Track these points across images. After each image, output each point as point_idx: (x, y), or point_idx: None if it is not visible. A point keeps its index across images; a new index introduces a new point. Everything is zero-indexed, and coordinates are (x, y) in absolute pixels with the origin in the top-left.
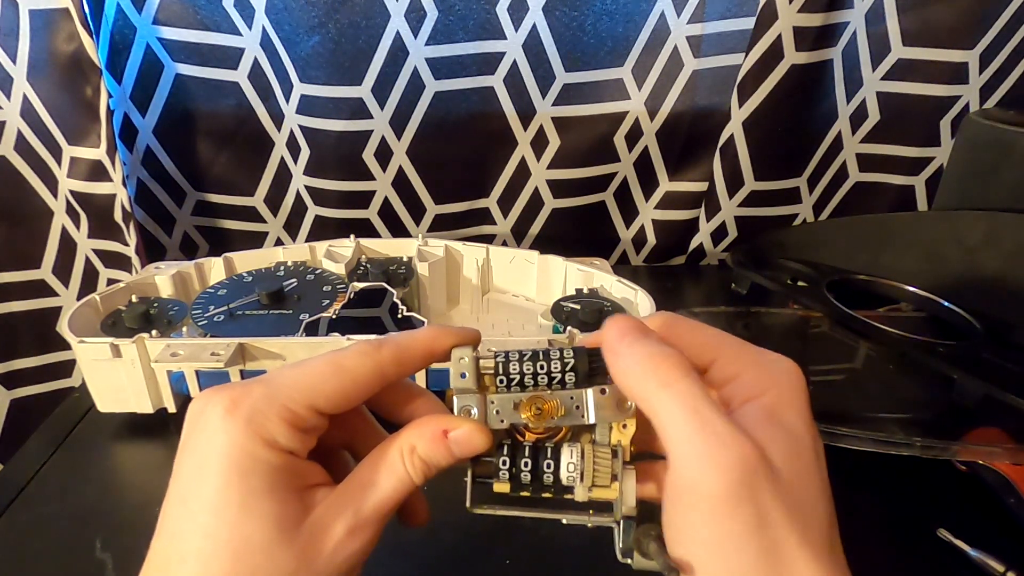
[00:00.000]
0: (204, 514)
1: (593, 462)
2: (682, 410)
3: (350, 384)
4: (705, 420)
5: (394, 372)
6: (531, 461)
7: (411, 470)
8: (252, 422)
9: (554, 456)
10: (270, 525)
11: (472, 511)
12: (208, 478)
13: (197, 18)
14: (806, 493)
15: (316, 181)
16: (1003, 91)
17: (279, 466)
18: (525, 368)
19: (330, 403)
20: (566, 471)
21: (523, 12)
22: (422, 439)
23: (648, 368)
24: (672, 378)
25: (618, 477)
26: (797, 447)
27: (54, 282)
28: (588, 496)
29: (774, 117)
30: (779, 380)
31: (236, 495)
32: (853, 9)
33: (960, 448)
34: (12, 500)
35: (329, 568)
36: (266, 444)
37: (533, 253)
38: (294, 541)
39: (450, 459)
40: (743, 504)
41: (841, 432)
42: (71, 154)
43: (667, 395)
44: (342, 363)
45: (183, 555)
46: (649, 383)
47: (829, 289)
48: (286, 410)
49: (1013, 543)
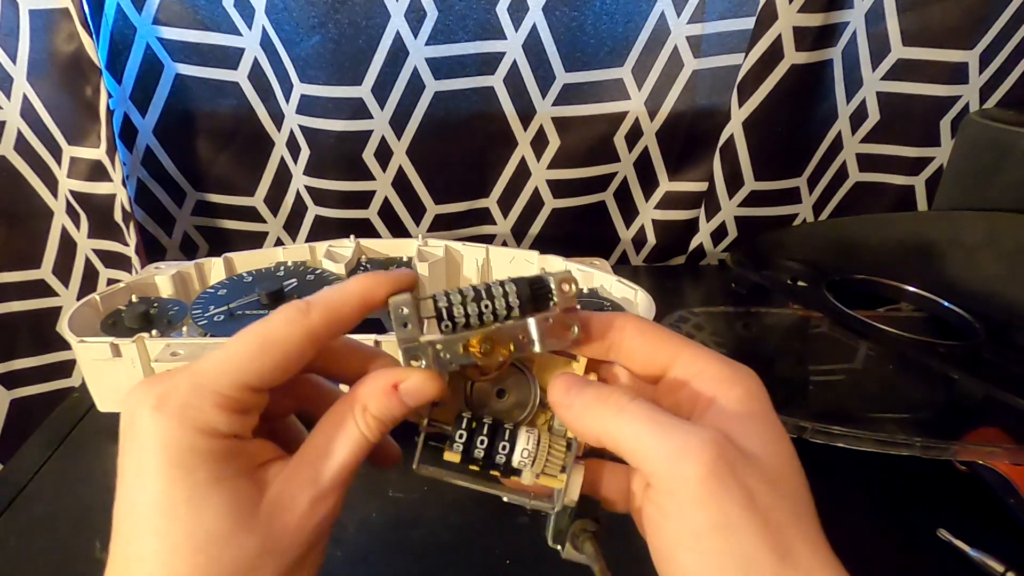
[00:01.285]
0: (154, 516)
1: (548, 451)
2: (641, 423)
3: (281, 356)
4: (664, 423)
5: (327, 334)
6: (487, 439)
7: (366, 431)
8: (184, 416)
9: (511, 439)
10: (225, 513)
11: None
12: (150, 480)
13: (197, 18)
14: (785, 477)
15: (316, 181)
16: (1003, 91)
17: (222, 452)
18: (469, 309)
19: (263, 379)
20: (519, 456)
21: (523, 12)
22: (373, 397)
23: (598, 406)
24: (621, 404)
25: (566, 469)
26: (768, 434)
27: (54, 282)
28: (534, 481)
29: (774, 117)
30: (743, 378)
31: (183, 492)
32: (853, 9)
33: (960, 448)
34: (12, 500)
35: (297, 542)
36: (203, 434)
37: (533, 253)
38: (254, 524)
39: (403, 410)
40: (727, 482)
41: (841, 432)
42: (71, 154)
43: (623, 418)
44: (268, 336)
45: (141, 556)
46: (603, 417)
47: (829, 289)
48: (218, 396)
49: (1013, 543)
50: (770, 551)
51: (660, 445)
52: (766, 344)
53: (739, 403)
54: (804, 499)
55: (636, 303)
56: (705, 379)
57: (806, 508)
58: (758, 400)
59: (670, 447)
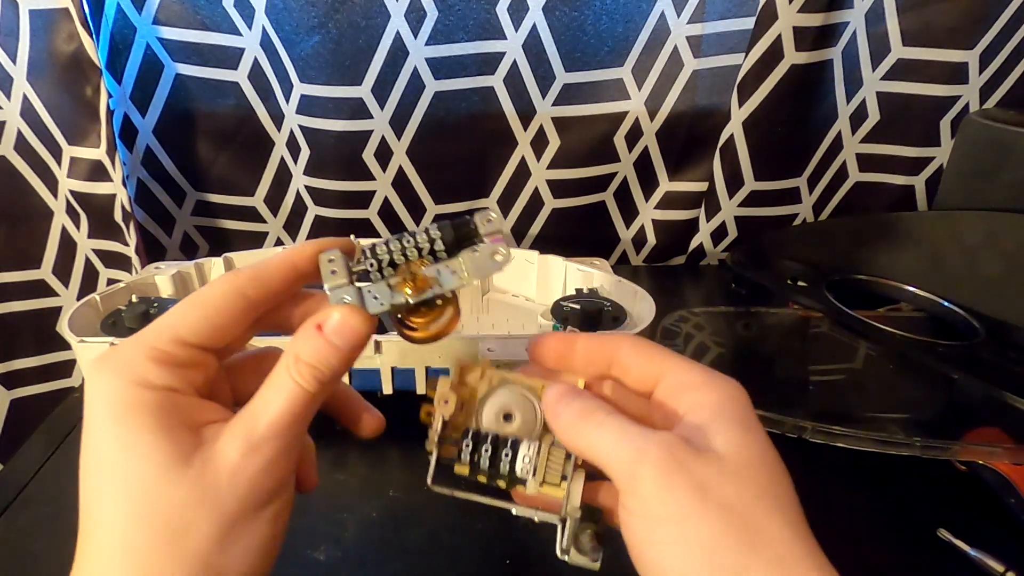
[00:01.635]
0: (95, 465)
1: (547, 459)
2: (610, 434)
3: (212, 311)
4: (627, 432)
5: (255, 291)
6: (491, 448)
7: (299, 379)
8: (119, 369)
9: (513, 448)
10: (159, 460)
11: (432, 488)
12: (93, 432)
13: (197, 18)
14: (756, 471)
15: (316, 181)
16: (1003, 91)
17: (158, 404)
18: (392, 247)
19: (195, 333)
20: (521, 463)
21: (523, 12)
22: (300, 341)
23: (582, 420)
24: (599, 419)
25: (567, 477)
26: (741, 434)
27: (54, 282)
28: (538, 491)
29: (774, 117)
30: (719, 385)
31: (118, 440)
32: (853, 9)
33: (960, 448)
34: (12, 500)
35: (234, 492)
36: (138, 386)
37: (533, 253)
38: (187, 473)
39: (334, 352)
40: (677, 476)
41: (841, 432)
42: (71, 154)
43: (597, 431)
44: (199, 295)
45: (88, 511)
46: (585, 431)
47: (829, 289)
48: (151, 349)
49: (1013, 543)
50: (734, 537)
51: (621, 451)
52: (766, 344)
53: (712, 407)
54: (774, 490)
55: (636, 303)
56: (688, 389)
57: (776, 498)
58: (731, 403)
59: (629, 452)
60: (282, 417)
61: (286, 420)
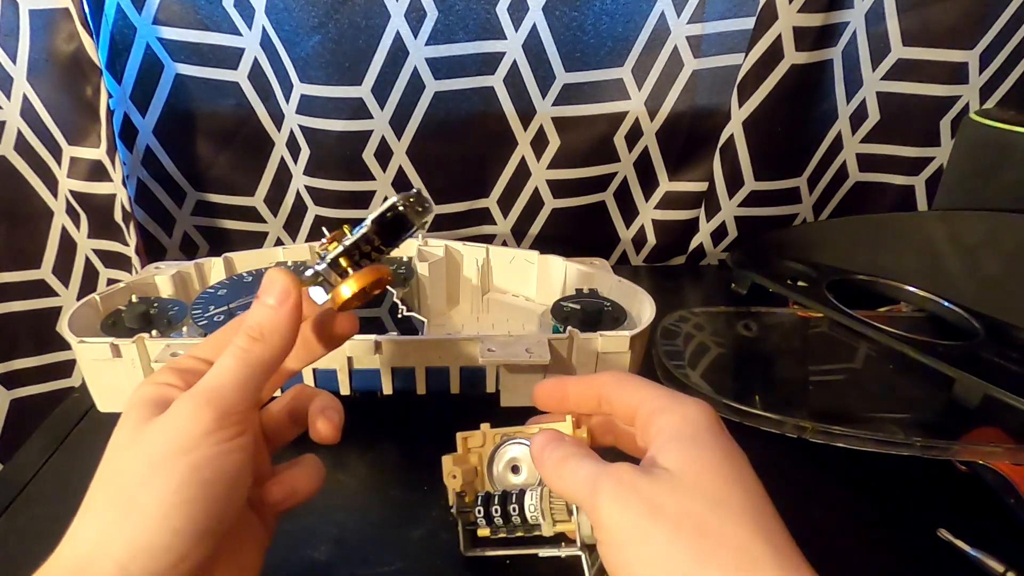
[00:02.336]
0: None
1: (550, 501)
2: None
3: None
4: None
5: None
6: (500, 507)
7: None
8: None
9: (518, 500)
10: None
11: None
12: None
13: (197, 18)
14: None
15: (316, 181)
16: (1003, 91)
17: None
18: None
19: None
20: (529, 512)
21: (523, 12)
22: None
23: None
24: (572, 464)
25: (574, 512)
26: (695, 452)
27: (54, 282)
28: (554, 531)
29: (774, 117)
30: (680, 407)
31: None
32: (853, 9)
33: (960, 448)
34: (12, 500)
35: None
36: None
37: (533, 253)
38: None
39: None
40: (627, 497)
41: (841, 432)
42: (71, 154)
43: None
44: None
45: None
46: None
47: (829, 289)
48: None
49: (1013, 543)
50: (689, 547)
51: (585, 487)
52: (766, 344)
53: (670, 429)
54: (730, 499)
55: (636, 303)
56: (655, 414)
57: (732, 506)
58: (687, 423)
59: (589, 486)
60: (218, 369)
61: (220, 371)
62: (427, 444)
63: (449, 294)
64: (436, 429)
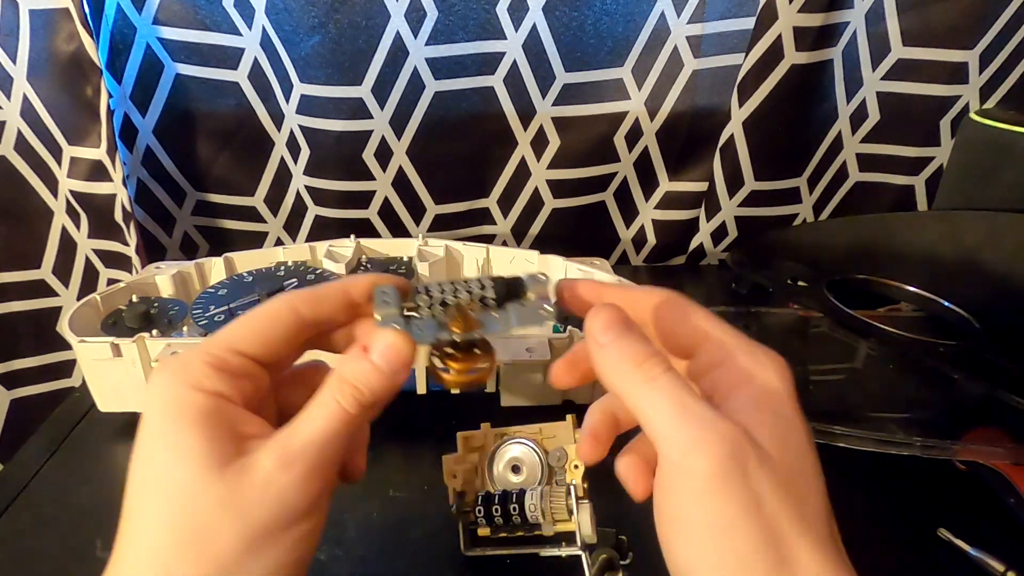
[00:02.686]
0: (140, 465)
1: (551, 502)
2: (666, 401)
3: (267, 323)
4: (688, 407)
5: (309, 311)
6: (500, 507)
7: (340, 398)
8: (178, 371)
9: (518, 500)
10: (196, 462)
11: (466, 554)
12: (144, 431)
13: (197, 18)
14: (800, 478)
15: (316, 181)
16: (1003, 91)
17: (208, 408)
18: (446, 288)
19: (250, 343)
20: (529, 512)
21: (523, 12)
22: (345, 363)
23: (631, 365)
24: (654, 374)
25: (574, 511)
26: (788, 432)
27: (54, 282)
28: (554, 530)
29: (774, 117)
30: (767, 369)
31: (164, 438)
32: (853, 9)
33: (960, 448)
34: (12, 500)
35: (262, 503)
36: (192, 387)
37: (533, 253)
38: (222, 477)
39: (377, 375)
40: (733, 483)
41: (841, 432)
42: (71, 154)
43: (650, 389)
44: (257, 308)
45: (129, 510)
46: (633, 379)
47: (829, 289)
48: (209, 355)
49: (1013, 543)
50: (765, 558)
51: (677, 431)
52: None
53: (761, 396)
54: (815, 502)
55: None
56: (734, 368)
57: (816, 512)
58: (779, 394)
59: (686, 436)
60: (319, 434)
61: (323, 437)
62: (427, 444)
63: None
64: (436, 429)
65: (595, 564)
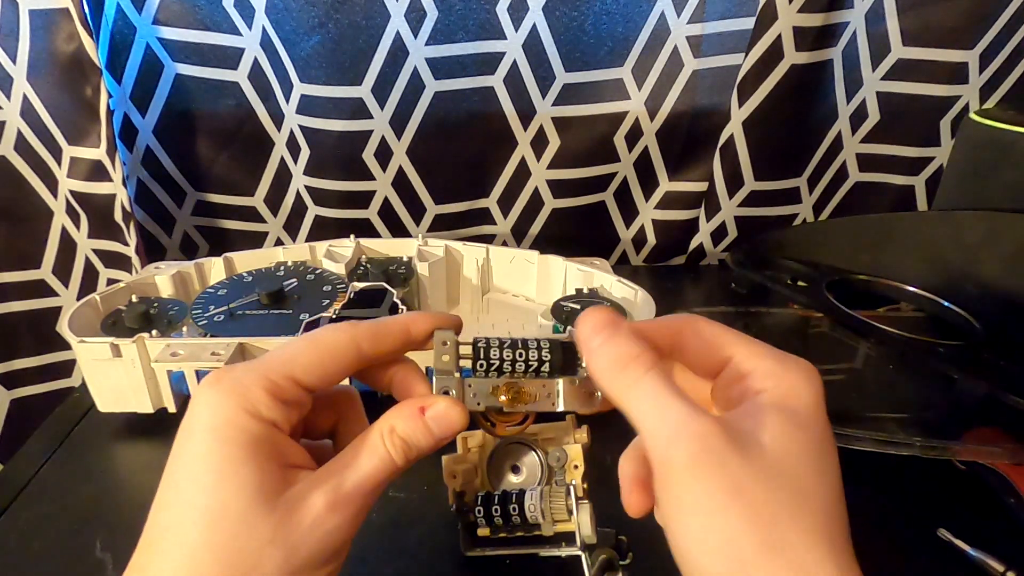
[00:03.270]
0: (185, 483)
1: (550, 502)
2: (648, 401)
3: (327, 356)
4: (667, 406)
5: (369, 347)
6: (500, 507)
7: (392, 449)
8: (234, 392)
9: (518, 500)
10: (248, 493)
11: (465, 554)
12: (191, 447)
13: (197, 18)
14: (799, 473)
15: (316, 181)
16: (1003, 91)
17: (260, 436)
18: (504, 355)
19: (308, 374)
20: (529, 512)
21: (523, 12)
22: (400, 418)
23: (618, 369)
24: (638, 375)
25: (574, 511)
26: (795, 430)
27: (54, 282)
28: (554, 530)
29: (774, 117)
30: (789, 375)
31: (215, 462)
32: (853, 9)
33: (960, 448)
34: (12, 500)
35: (308, 542)
36: (247, 412)
37: (533, 253)
38: (272, 511)
39: (429, 437)
40: (710, 470)
41: (841, 432)
42: (71, 154)
43: (635, 391)
44: (318, 337)
45: (167, 526)
46: (620, 383)
47: (829, 289)
48: (266, 380)
49: (1013, 543)
50: (755, 538)
51: (658, 429)
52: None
53: (773, 396)
54: (819, 498)
55: (636, 303)
56: (757, 375)
57: (818, 507)
58: (794, 394)
59: (665, 432)
60: (369, 480)
61: (371, 484)
62: None
63: (449, 294)
64: None
65: (595, 564)
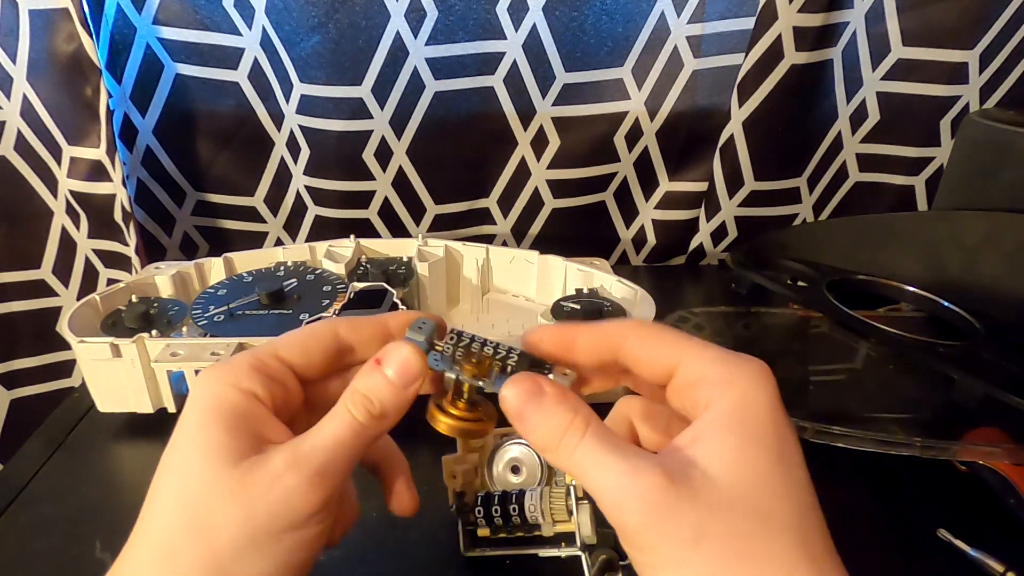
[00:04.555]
0: (168, 450)
1: (550, 502)
2: (590, 468)
3: (308, 336)
4: (607, 467)
5: (346, 331)
6: (500, 507)
7: (351, 407)
8: (224, 370)
9: (518, 501)
10: (215, 454)
11: (465, 555)
12: (180, 420)
13: (197, 18)
14: (759, 493)
15: (316, 181)
16: (1003, 91)
17: (237, 405)
18: (476, 339)
19: (290, 351)
20: (529, 512)
21: (523, 12)
22: (361, 375)
23: (555, 440)
24: (574, 444)
25: (573, 512)
26: (749, 448)
27: (54, 282)
28: (553, 530)
29: (774, 117)
30: (745, 377)
31: (193, 429)
32: (853, 9)
33: (960, 448)
34: (12, 500)
35: (267, 499)
36: (230, 385)
37: (533, 253)
38: (234, 469)
39: (387, 385)
40: (664, 527)
41: (841, 432)
42: (71, 154)
43: (575, 460)
44: (304, 327)
45: (151, 493)
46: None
47: (829, 289)
48: (253, 357)
49: (1013, 543)
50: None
51: (604, 490)
52: (766, 344)
53: (724, 409)
54: (781, 515)
55: (636, 303)
56: (706, 385)
57: (782, 524)
58: (749, 405)
59: (612, 494)
60: (329, 439)
61: (332, 443)
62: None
63: (449, 294)
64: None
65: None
